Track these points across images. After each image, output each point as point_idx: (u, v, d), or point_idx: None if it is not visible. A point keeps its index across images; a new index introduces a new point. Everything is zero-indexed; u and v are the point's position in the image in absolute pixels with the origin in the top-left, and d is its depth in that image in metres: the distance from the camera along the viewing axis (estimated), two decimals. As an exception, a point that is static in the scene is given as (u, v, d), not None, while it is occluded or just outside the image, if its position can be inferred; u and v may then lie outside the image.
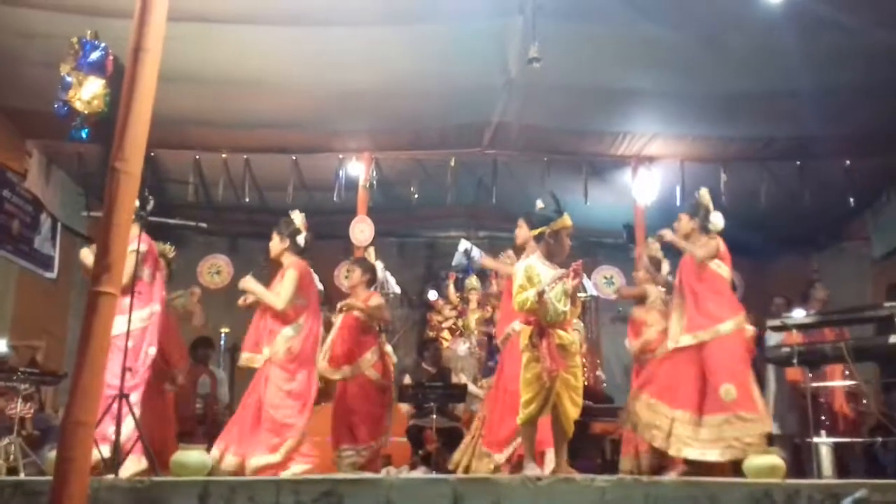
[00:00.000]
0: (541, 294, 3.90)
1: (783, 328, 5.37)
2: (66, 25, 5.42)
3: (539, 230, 4.17)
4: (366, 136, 7.44)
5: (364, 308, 5.83)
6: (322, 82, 6.32)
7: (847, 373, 5.80)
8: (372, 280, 6.20)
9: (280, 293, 4.81)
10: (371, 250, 7.29)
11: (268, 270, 5.34)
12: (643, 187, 7.67)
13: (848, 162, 7.32)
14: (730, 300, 4.92)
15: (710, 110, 6.70)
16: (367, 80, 6.26)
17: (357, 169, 7.74)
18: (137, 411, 4.27)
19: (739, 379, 4.64)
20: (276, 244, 5.03)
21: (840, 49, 5.66)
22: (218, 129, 7.08)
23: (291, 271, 4.88)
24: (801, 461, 5.58)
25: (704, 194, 5.13)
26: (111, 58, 5.69)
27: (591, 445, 6.88)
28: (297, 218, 5.12)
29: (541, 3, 5.18)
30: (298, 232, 5.05)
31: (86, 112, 5.62)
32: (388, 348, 7.79)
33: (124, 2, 3.77)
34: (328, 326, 6.10)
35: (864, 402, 6.05)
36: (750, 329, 5.10)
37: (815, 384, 5.62)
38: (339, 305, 6.00)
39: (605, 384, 8.77)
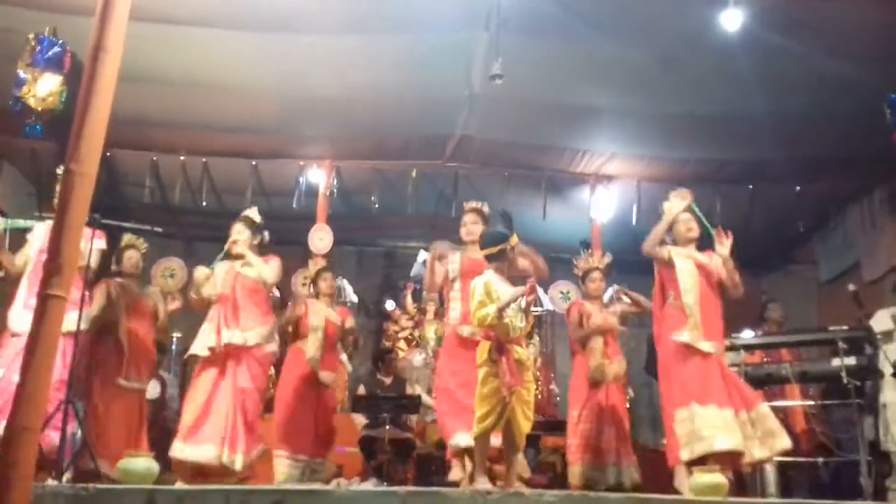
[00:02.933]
0: (501, 310, 3.95)
1: (731, 348, 5.49)
2: (25, 21, 5.33)
3: (499, 248, 4.20)
4: (328, 143, 7.43)
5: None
6: (286, 88, 6.31)
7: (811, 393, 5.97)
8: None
9: (271, 269, 5.17)
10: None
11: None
12: (601, 205, 7.81)
13: (798, 187, 7.55)
14: None
15: (667, 132, 6.84)
16: (331, 87, 6.26)
17: (318, 176, 7.71)
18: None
19: None
20: (247, 239, 5.23)
21: (792, 77, 5.84)
22: (177, 130, 6.99)
23: (276, 259, 5.23)
24: (743, 480, 5.69)
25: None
26: (69, 55, 5.62)
27: (542, 460, 6.92)
28: (256, 215, 5.37)
29: (505, 20, 5.24)
30: (264, 228, 5.33)
31: (40, 109, 5.53)
32: (343, 358, 7.79)
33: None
34: (283, 332, 6.06)
35: (815, 422, 6.19)
36: None
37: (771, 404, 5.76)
38: None
39: (558, 398, 8.84)
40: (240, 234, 5.23)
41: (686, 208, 4.99)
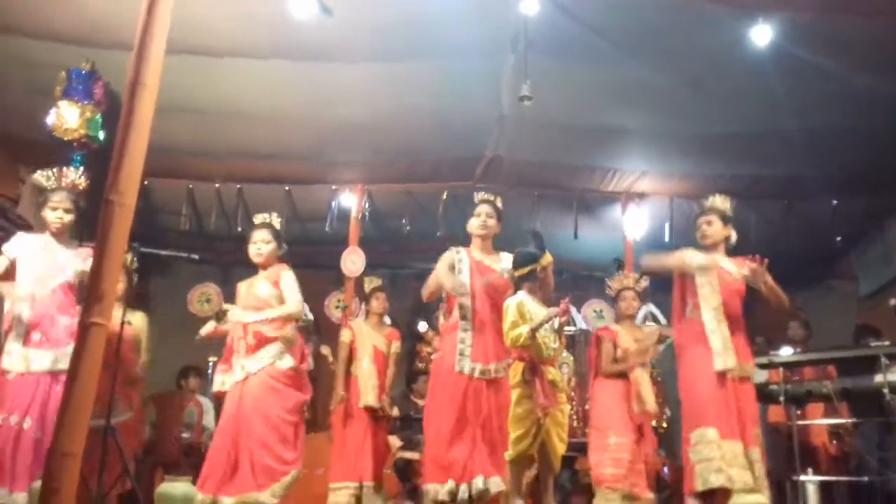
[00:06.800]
0: (534, 331, 3.95)
1: (770, 366, 5.40)
2: (64, 55, 5.48)
3: (529, 268, 4.21)
4: (359, 168, 7.50)
5: None
6: (318, 115, 6.40)
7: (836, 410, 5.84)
8: None
9: (291, 297, 4.56)
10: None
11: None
12: (633, 223, 7.77)
13: (834, 202, 7.43)
14: None
15: (697, 149, 6.80)
16: (362, 114, 6.33)
17: (350, 200, 7.79)
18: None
19: None
20: (274, 249, 4.75)
21: (824, 93, 5.77)
22: (213, 159, 7.12)
23: (289, 272, 4.65)
24: (781, 500, 5.57)
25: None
26: (101, 84, 5.76)
27: (579, 481, 6.85)
28: (276, 220, 4.92)
29: (532, 42, 5.27)
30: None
31: (67, 139, 5.65)
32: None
33: (123, 34, 3.85)
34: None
35: (848, 440, 6.07)
36: None
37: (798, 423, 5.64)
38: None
39: (593, 419, 8.74)
40: (267, 247, 4.74)
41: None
